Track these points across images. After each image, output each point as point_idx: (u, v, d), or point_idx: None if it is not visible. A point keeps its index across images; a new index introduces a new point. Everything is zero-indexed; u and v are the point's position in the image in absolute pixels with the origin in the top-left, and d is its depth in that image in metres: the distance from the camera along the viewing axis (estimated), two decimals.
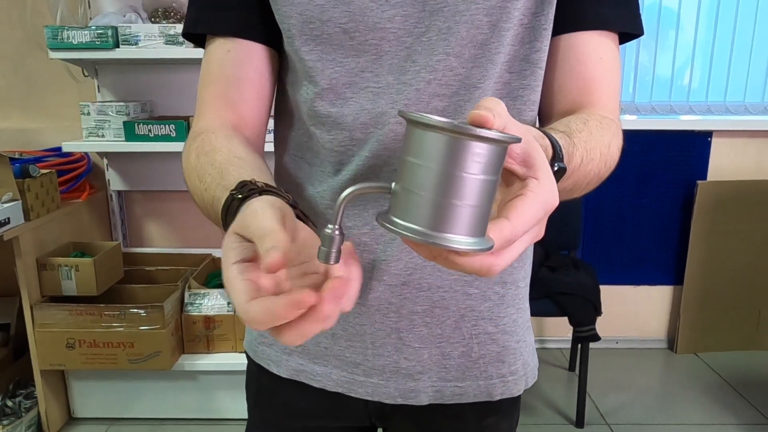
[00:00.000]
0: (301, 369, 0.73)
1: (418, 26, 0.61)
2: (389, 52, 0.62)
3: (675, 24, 2.49)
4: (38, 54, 2.20)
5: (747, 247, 2.57)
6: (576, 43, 0.64)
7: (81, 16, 2.17)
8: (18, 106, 2.30)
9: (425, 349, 0.70)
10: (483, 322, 0.71)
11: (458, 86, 0.62)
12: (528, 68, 0.64)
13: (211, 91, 0.68)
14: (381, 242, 0.66)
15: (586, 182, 0.57)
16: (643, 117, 2.54)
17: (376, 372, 0.70)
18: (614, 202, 2.60)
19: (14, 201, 1.78)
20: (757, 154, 2.55)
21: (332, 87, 0.64)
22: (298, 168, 0.71)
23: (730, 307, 2.62)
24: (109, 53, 1.95)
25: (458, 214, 0.37)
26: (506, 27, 0.61)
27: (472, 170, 0.37)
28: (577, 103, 0.64)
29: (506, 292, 0.72)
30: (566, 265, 2.20)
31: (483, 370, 0.71)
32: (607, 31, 0.65)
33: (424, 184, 0.37)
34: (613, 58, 0.65)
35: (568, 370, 2.55)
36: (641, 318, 2.72)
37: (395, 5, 0.61)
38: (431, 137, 0.37)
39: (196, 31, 0.69)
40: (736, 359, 2.61)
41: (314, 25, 0.62)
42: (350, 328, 0.70)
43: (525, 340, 0.75)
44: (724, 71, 2.53)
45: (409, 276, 0.67)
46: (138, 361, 1.90)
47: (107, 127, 2.05)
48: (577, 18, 0.63)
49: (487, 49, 0.61)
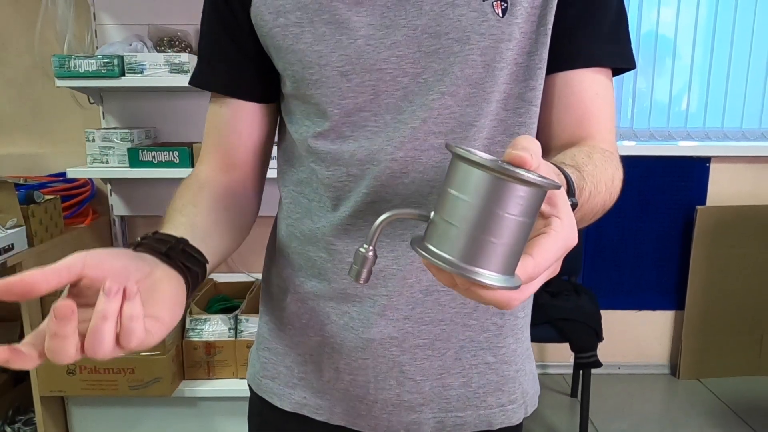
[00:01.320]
0: (305, 403, 0.74)
1: (414, 67, 0.63)
2: (386, 92, 0.64)
3: (672, 51, 2.53)
4: (45, 81, 2.24)
5: (748, 272, 2.57)
6: (571, 80, 0.66)
7: (88, 44, 2.21)
8: (24, 131, 2.33)
9: (426, 381, 0.71)
10: (482, 353, 0.72)
11: (454, 124, 0.64)
12: (523, 106, 0.66)
13: (209, 140, 0.75)
14: (380, 277, 0.67)
15: (592, 214, 0.58)
16: (641, 143, 2.56)
17: (379, 405, 0.71)
18: (614, 227, 2.61)
19: (18, 227, 1.79)
20: (755, 179, 2.57)
21: (332, 127, 0.66)
22: (297, 203, 0.73)
23: (732, 333, 2.61)
24: (115, 81, 1.98)
25: (493, 252, 0.38)
26: (500, 66, 0.63)
27: (512, 211, 0.37)
28: (575, 136, 0.66)
29: (505, 322, 0.73)
30: (567, 290, 2.21)
31: (483, 399, 0.72)
32: (600, 67, 0.67)
33: (463, 217, 0.38)
34: (607, 92, 0.67)
35: (570, 396, 2.53)
36: (643, 343, 2.71)
37: (390, 47, 0.63)
38: (477, 174, 0.38)
39: (196, 85, 0.75)
40: (739, 385, 2.59)
41: (313, 70, 0.64)
42: (353, 363, 0.70)
43: (524, 369, 0.76)
44: (721, 97, 2.56)
45: (411, 310, 0.68)
46: (139, 387, 1.89)
47: (112, 154, 2.07)
48: (572, 56, 0.66)
49: (482, 87, 0.63)
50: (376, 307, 0.68)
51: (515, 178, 0.37)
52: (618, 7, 0.67)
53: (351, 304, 0.69)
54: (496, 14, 0.62)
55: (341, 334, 0.70)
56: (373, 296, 0.68)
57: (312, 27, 0.63)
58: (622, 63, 0.68)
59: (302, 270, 0.73)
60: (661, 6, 2.49)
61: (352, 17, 0.62)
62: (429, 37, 0.63)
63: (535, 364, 0.82)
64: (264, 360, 0.77)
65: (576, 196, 0.50)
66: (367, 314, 0.69)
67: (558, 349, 2.58)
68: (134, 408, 2.04)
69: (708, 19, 2.51)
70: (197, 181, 0.72)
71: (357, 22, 0.62)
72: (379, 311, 0.68)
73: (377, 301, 0.68)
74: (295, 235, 0.73)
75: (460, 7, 0.62)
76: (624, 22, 0.68)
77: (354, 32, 0.62)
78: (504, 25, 0.62)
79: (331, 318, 0.71)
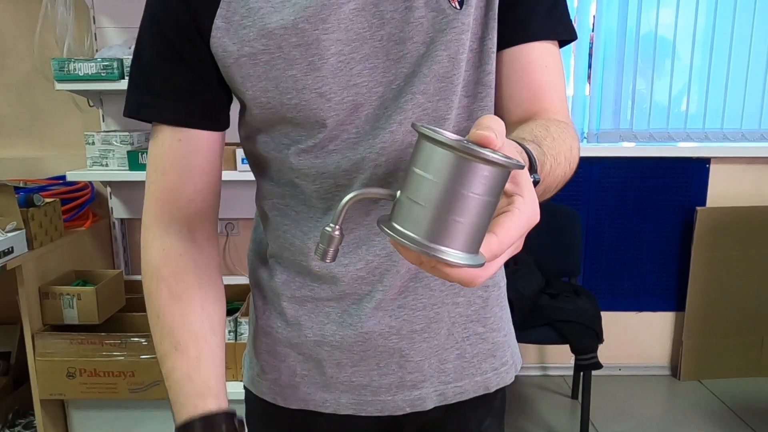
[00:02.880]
0: (310, 398, 0.75)
1: (386, 75, 0.64)
2: (364, 104, 0.65)
3: (671, 52, 2.53)
4: (45, 84, 2.24)
5: (748, 273, 2.57)
6: (520, 55, 0.67)
7: (87, 47, 2.21)
8: (24, 134, 2.33)
9: (425, 360, 0.74)
10: (472, 325, 0.76)
11: (428, 120, 0.65)
12: (483, 90, 0.68)
13: (165, 184, 0.68)
14: (377, 274, 0.69)
15: (554, 186, 0.59)
16: (641, 144, 2.56)
17: (383, 390, 0.74)
18: (614, 228, 2.61)
19: (18, 230, 1.79)
20: (755, 180, 2.57)
21: (315, 144, 0.66)
22: (284, 215, 0.73)
23: (732, 334, 2.61)
24: (114, 84, 1.98)
25: (457, 230, 0.38)
26: (462, 57, 0.64)
27: (477, 191, 0.38)
28: (529, 111, 0.68)
29: (489, 294, 0.77)
30: (567, 292, 2.20)
31: (478, 367, 0.77)
32: (546, 41, 0.68)
33: (428, 197, 0.38)
34: (556, 63, 0.69)
35: (570, 398, 2.53)
36: (643, 345, 2.70)
37: (361, 60, 0.63)
38: (441, 153, 0.38)
39: (140, 117, 0.69)
40: (739, 386, 2.59)
41: (291, 95, 0.64)
42: (354, 356, 0.73)
43: (510, 332, 0.82)
44: (721, 98, 2.56)
45: (404, 299, 0.71)
46: (138, 391, 1.89)
47: (111, 156, 2.07)
48: (516, 32, 0.67)
49: (449, 80, 0.65)
50: (373, 302, 0.70)
51: (480, 158, 0.37)
52: None
53: (349, 302, 0.71)
54: (453, 8, 0.63)
55: (341, 331, 0.72)
56: (371, 293, 0.70)
57: (281, 52, 0.62)
58: (565, 35, 0.70)
59: (299, 276, 0.73)
60: (660, 7, 2.49)
61: (320, 36, 0.62)
62: (395, 44, 0.63)
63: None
64: (263, 363, 0.78)
65: (537, 171, 0.52)
66: (364, 310, 0.71)
67: (558, 350, 2.58)
68: (134, 411, 2.04)
69: (707, 19, 2.51)
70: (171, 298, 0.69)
71: (326, 40, 0.62)
72: (376, 305, 0.70)
73: (374, 296, 0.70)
74: (285, 246, 0.73)
75: (419, 9, 0.63)
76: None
77: (325, 51, 0.62)
78: (463, 16, 0.63)
79: (331, 317, 0.72)
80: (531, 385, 2.62)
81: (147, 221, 0.71)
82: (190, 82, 0.66)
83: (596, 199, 2.57)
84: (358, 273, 0.69)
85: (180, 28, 0.64)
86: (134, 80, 0.69)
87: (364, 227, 0.69)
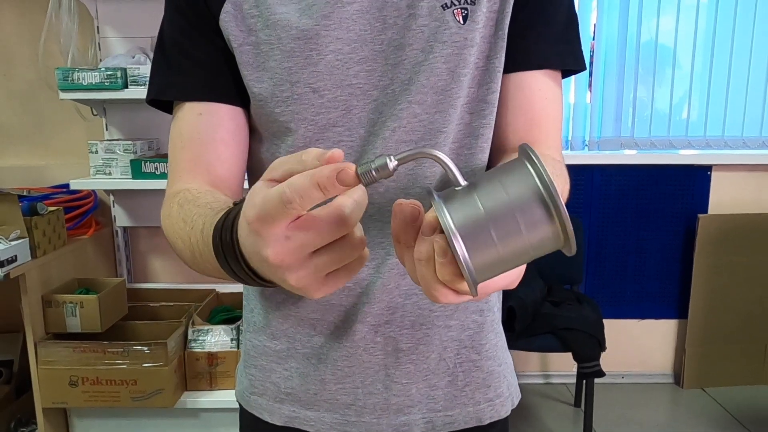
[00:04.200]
0: (294, 416, 0.74)
1: (383, 79, 0.64)
2: (357, 106, 0.65)
3: (672, 60, 2.54)
4: (49, 94, 2.25)
5: (750, 281, 2.57)
6: (523, 82, 0.68)
7: (91, 57, 2.23)
8: (28, 143, 2.35)
9: (413, 384, 0.72)
10: (465, 351, 0.73)
11: (423, 132, 0.65)
12: (486, 108, 0.67)
13: (186, 155, 0.68)
14: (363, 285, 0.69)
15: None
16: (642, 151, 2.57)
17: (368, 411, 0.72)
18: (616, 236, 2.61)
19: (21, 239, 1.80)
20: (756, 187, 2.57)
21: (306, 144, 0.66)
22: None
23: (735, 341, 2.60)
24: (117, 93, 2.00)
25: (486, 244, 0.38)
26: (464, 72, 0.65)
27: (530, 231, 0.38)
28: (524, 140, 0.68)
29: (485, 319, 0.74)
30: (569, 299, 2.20)
31: (470, 396, 0.74)
32: (551, 69, 0.69)
33: (488, 203, 0.39)
34: (556, 97, 0.69)
35: (573, 405, 2.52)
36: (646, 352, 2.70)
37: (359, 62, 0.64)
38: (531, 186, 0.38)
39: (165, 97, 0.69)
40: (743, 394, 2.57)
41: (284, 87, 0.64)
42: (338, 372, 0.71)
43: (506, 362, 0.78)
44: (722, 106, 2.57)
45: (392, 315, 0.69)
46: (141, 399, 1.89)
47: (114, 165, 2.08)
48: (524, 58, 0.67)
49: (448, 94, 0.65)
50: (359, 315, 0.69)
51: (557, 218, 0.38)
52: (568, 9, 0.69)
53: (335, 314, 0.70)
54: (457, 21, 0.63)
55: (327, 344, 0.71)
56: (356, 305, 0.69)
57: (280, 43, 0.63)
58: (573, 64, 0.70)
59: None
60: (661, 15, 2.50)
61: (321, 32, 0.63)
62: (395, 49, 0.64)
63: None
64: (251, 377, 0.77)
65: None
66: (350, 323, 0.70)
67: (561, 358, 2.57)
68: (136, 419, 2.04)
69: (707, 27, 2.52)
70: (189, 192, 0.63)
71: (326, 37, 0.63)
72: (361, 319, 0.69)
73: (360, 309, 0.69)
74: None
75: (422, 18, 0.63)
76: (574, 24, 0.70)
77: (323, 47, 0.63)
78: (465, 31, 0.64)
79: (317, 329, 0.71)
80: (533, 392, 2.61)
81: (167, 193, 0.68)
82: (208, 55, 0.67)
83: (598, 206, 2.57)
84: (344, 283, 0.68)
85: (197, 6, 0.66)
86: (155, 65, 0.70)
87: None
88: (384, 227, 0.68)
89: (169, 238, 0.63)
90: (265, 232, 0.39)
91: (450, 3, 0.64)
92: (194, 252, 0.56)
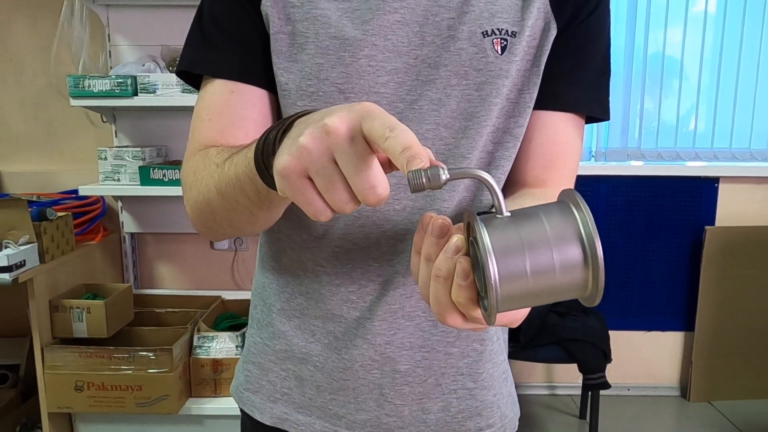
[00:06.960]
0: (285, 417, 0.74)
1: (411, 94, 0.64)
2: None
3: (679, 71, 2.55)
4: (59, 100, 2.28)
5: (758, 293, 2.55)
6: (548, 122, 0.68)
7: (102, 65, 2.25)
8: (38, 149, 2.37)
9: (406, 406, 0.71)
10: (462, 378, 0.73)
11: (447, 155, 0.65)
12: (510, 141, 0.67)
13: (213, 127, 0.66)
14: (367, 300, 0.68)
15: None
16: (649, 163, 2.56)
17: (358, 426, 0.72)
18: (623, 247, 2.60)
19: (30, 243, 1.81)
20: (764, 199, 2.56)
21: None
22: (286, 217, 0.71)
23: (743, 354, 2.58)
24: (128, 101, 2.01)
25: (516, 275, 0.39)
26: (495, 102, 0.64)
27: (563, 273, 0.39)
28: (539, 178, 0.68)
29: (485, 348, 0.74)
30: (575, 310, 2.19)
31: (462, 424, 0.73)
32: (577, 114, 0.69)
33: (529, 239, 0.39)
34: (577, 141, 0.70)
35: (579, 417, 2.50)
36: (653, 365, 2.68)
37: (390, 72, 0.64)
38: (572, 225, 0.39)
39: (196, 71, 0.68)
40: (751, 408, 2.55)
41: (311, 82, 0.64)
42: (334, 382, 0.71)
43: (501, 392, 0.77)
44: (729, 117, 2.56)
45: (393, 335, 0.69)
46: (145, 405, 1.90)
47: (123, 172, 2.10)
48: (555, 98, 0.68)
49: (476, 121, 0.65)
50: (359, 330, 0.69)
51: (592, 266, 0.39)
52: (604, 57, 0.70)
53: (336, 324, 0.70)
54: (495, 51, 0.63)
55: (324, 353, 0.71)
56: (358, 318, 0.69)
57: (317, 39, 0.63)
58: (600, 113, 0.70)
59: (289, 286, 0.73)
60: (668, 27, 2.51)
61: (358, 36, 0.63)
62: (428, 67, 0.64)
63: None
64: (248, 373, 0.78)
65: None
66: (350, 336, 0.69)
67: (566, 369, 2.56)
68: (141, 425, 2.04)
69: (715, 39, 2.52)
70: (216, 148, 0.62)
71: (362, 41, 0.63)
72: (363, 334, 0.69)
73: (361, 323, 0.69)
74: (284, 250, 0.73)
75: (461, 41, 0.63)
76: (607, 73, 0.70)
77: (357, 51, 0.63)
78: (502, 62, 0.64)
79: (316, 336, 0.71)
80: (538, 404, 2.59)
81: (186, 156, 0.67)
82: (247, 35, 0.65)
83: (604, 217, 2.57)
84: (348, 295, 0.68)
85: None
86: (190, 37, 0.68)
87: (363, 249, 0.67)
88: (396, 245, 0.67)
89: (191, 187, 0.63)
90: (356, 118, 0.41)
91: (491, 32, 0.64)
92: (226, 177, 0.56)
